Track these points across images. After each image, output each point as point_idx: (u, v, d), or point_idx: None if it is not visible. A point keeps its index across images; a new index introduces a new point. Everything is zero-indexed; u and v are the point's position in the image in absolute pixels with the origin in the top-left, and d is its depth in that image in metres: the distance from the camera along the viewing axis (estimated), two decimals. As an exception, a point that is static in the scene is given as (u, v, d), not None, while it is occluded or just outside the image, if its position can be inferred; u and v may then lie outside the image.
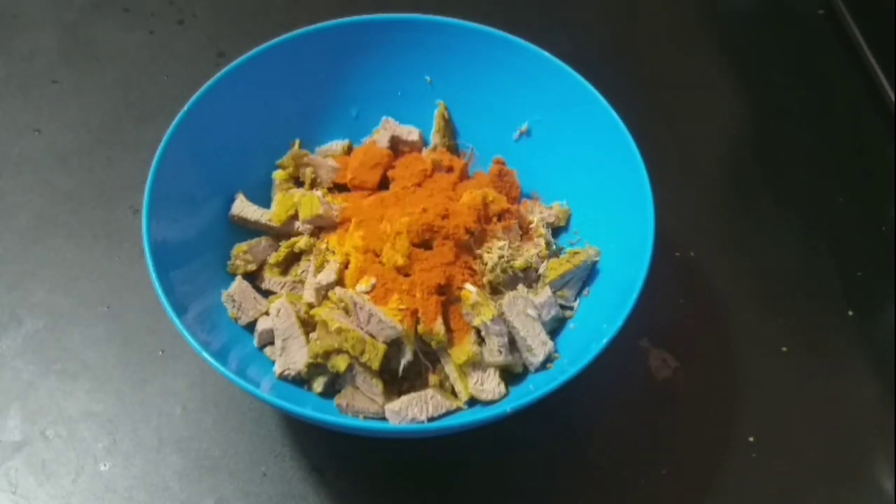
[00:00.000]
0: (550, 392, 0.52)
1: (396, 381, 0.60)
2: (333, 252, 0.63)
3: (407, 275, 0.60)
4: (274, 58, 0.66)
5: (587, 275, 0.63)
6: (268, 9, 0.90)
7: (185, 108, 0.62)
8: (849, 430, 0.65)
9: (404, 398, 0.58)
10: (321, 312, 0.58)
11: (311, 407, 0.57)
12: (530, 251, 0.64)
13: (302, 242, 0.64)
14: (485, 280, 0.61)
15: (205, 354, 0.52)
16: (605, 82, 0.65)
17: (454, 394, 0.60)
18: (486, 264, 0.62)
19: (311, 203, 0.65)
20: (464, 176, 0.70)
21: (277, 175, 0.68)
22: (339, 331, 0.57)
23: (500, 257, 0.62)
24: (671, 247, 0.72)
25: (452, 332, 0.59)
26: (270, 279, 0.64)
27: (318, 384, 0.59)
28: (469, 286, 0.60)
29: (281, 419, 0.63)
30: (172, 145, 0.60)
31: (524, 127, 0.69)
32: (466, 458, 0.62)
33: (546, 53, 0.66)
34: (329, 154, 0.70)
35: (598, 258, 0.63)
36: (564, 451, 0.63)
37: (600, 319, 0.57)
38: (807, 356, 0.68)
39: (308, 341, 0.59)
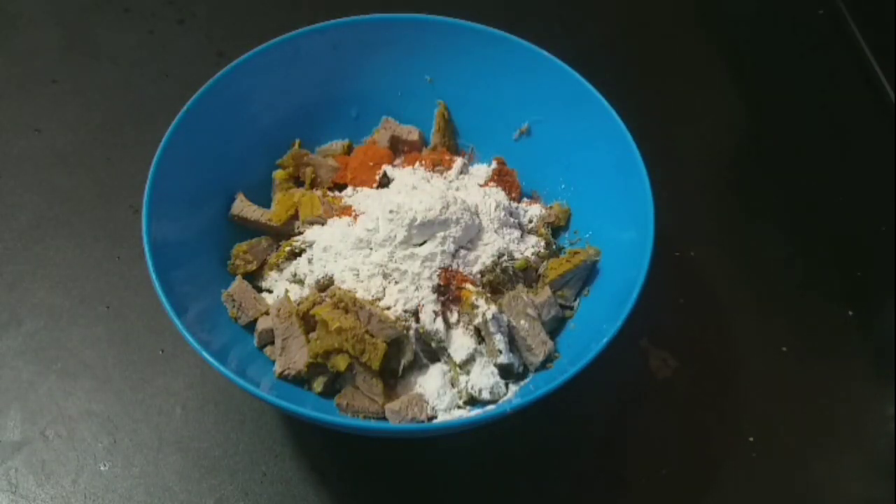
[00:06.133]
0: (550, 392, 0.52)
1: (396, 380, 0.60)
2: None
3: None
4: (274, 58, 0.66)
5: (587, 275, 0.63)
6: (268, 9, 0.90)
7: (185, 108, 0.62)
8: (849, 429, 0.65)
9: (404, 398, 0.58)
10: (321, 312, 0.58)
11: (310, 407, 0.57)
12: (530, 251, 0.64)
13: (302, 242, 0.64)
14: (485, 280, 0.61)
15: (205, 354, 0.52)
16: (605, 82, 0.65)
17: (454, 394, 0.60)
18: (486, 264, 0.62)
19: (311, 203, 0.65)
20: (464, 176, 0.70)
21: (277, 175, 0.68)
22: (339, 330, 0.57)
23: (500, 257, 0.62)
24: (671, 247, 0.72)
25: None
26: (270, 279, 0.64)
27: (318, 384, 0.59)
28: (469, 286, 0.60)
29: (281, 419, 0.63)
30: (172, 145, 0.60)
31: (524, 127, 0.69)
32: (466, 458, 0.62)
33: (546, 53, 0.66)
34: (329, 154, 0.70)
35: (598, 258, 0.63)
36: (564, 451, 0.63)
37: (600, 319, 0.57)
38: (807, 356, 0.68)
39: (308, 341, 0.59)
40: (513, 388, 0.59)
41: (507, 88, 0.69)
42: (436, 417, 0.58)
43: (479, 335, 0.60)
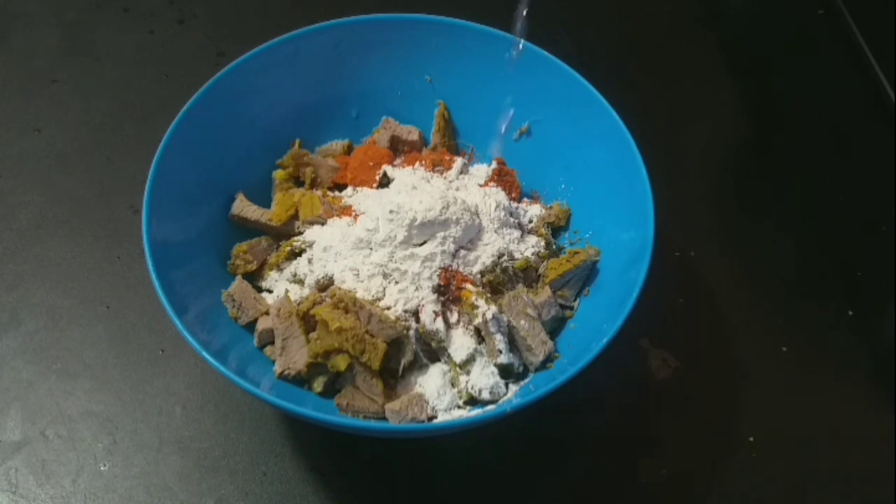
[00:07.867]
0: (550, 392, 0.52)
1: (396, 380, 0.60)
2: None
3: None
4: (274, 58, 0.66)
5: (587, 275, 0.63)
6: (268, 9, 0.90)
7: (185, 108, 0.62)
8: (849, 429, 0.65)
9: (404, 398, 0.58)
10: (321, 312, 0.58)
11: (311, 407, 0.57)
12: (530, 251, 0.64)
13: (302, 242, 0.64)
14: (485, 280, 0.61)
15: (205, 354, 0.52)
16: (605, 82, 0.65)
17: (454, 394, 0.60)
18: (486, 264, 0.62)
19: (311, 203, 0.65)
20: (464, 176, 0.70)
21: (277, 175, 0.68)
22: (339, 330, 0.57)
23: (500, 257, 0.62)
24: (671, 247, 0.72)
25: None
26: (270, 279, 0.64)
27: (318, 384, 0.59)
28: (469, 286, 0.60)
29: (281, 419, 0.64)
30: (172, 145, 0.60)
31: (524, 127, 0.69)
32: (466, 458, 0.62)
33: (546, 53, 0.66)
34: (329, 154, 0.71)
35: (598, 258, 0.63)
36: (565, 451, 0.63)
37: (600, 319, 0.57)
38: (807, 356, 0.68)
39: (308, 341, 0.59)
40: (513, 388, 0.59)
41: (507, 88, 0.69)
42: (436, 417, 0.58)
43: (479, 335, 0.60)
